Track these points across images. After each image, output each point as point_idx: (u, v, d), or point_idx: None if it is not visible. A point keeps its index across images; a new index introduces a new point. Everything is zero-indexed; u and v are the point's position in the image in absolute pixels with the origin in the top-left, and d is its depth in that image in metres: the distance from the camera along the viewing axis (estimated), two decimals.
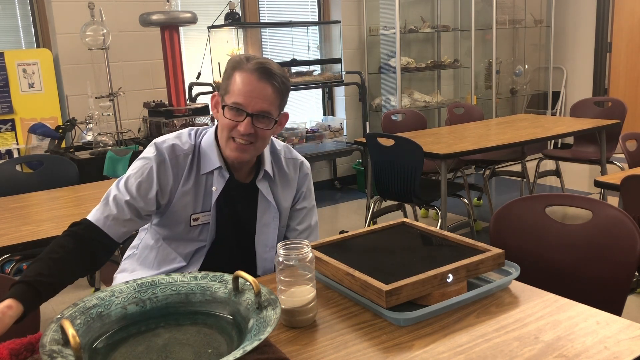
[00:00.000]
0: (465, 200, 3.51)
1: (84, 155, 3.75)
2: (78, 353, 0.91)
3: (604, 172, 3.78)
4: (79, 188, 2.64)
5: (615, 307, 1.45)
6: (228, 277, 1.19)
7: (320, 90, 5.42)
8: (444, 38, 5.76)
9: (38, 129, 3.57)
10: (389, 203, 3.60)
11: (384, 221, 1.61)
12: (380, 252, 1.39)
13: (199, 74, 4.35)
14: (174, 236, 1.54)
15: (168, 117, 3.88)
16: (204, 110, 4.04)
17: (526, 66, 6.25)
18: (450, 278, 1.22)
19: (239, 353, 0.92)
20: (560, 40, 6.30)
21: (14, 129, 3.82)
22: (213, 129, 1.54)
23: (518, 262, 1.36)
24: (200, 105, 4.08)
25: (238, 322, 1.11)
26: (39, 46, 4.10)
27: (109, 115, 3.95)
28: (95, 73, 4.06)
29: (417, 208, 4.24)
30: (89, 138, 3.87)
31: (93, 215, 1.43)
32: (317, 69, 4.89)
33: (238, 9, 4.58)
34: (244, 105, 1.40)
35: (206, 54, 4.46)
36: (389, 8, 5.18)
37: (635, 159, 2.78)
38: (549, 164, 5.11)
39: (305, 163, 1.65)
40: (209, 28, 4.43)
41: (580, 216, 1.64)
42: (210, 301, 1.17)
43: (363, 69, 5.35)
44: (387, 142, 3.19)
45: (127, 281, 1.20)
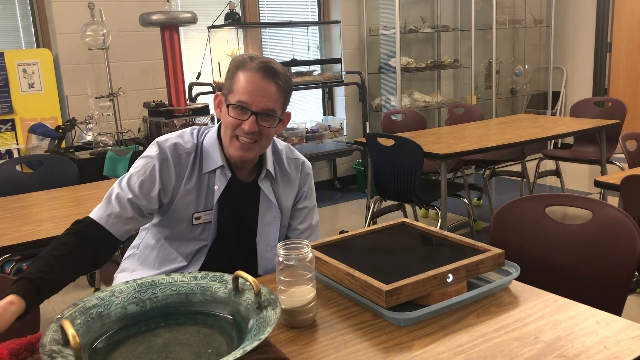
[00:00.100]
0: (465, 200, 3.51)
1: (84, 155, 3.75)
2: (78, 353, 0.91)
3: (604, 172, 3.78)
4: (79, 188, 2.64)
5: (615, 307, 1.45)
6: (228, 277, 1.19)
7: (320, 90, 5.42)
8: (444, 38, 5.76)
9: (38, 129, 3.57)
10: (389, 203, 3.60)
11: (384, 221, 1.61)
12: (380, 252, 1.39)
13: (199, 74, 4.35)
14: (176, 235, 1.54)
15: (168, 117, 3.88)
16: (204, 110, 4.04)
17: (526, 66, 6.25)
18: (450, 278, 1.22)
19: (239, 353, 0.92)
20: (560, 40, 6.30)
21: (14, 129, 3.82)
22: (215, 128, 1.55)
23: (518, 262, 1.36)
24: (200, 105, 4.07)
25: (238, 322, 1.11)
26: (39, 46, 4.10)
27: (109, 115, 3.96)
28: (95, 73, 4.06)
29: (417, 208, 4.24)
30: (89, 138, 3.87)
31: (95, 213, 1.44)
32: (317, 69, 4.89)
33: (238, 9, 4.58)
34: (248, 104, 1.41)
35: (206, 54, 4.46)
36: (389, 8, 5.18)
37: (635, 159, 2.78)
38: (549, 164, 5.11)
39: (307, 163, 1.66)
40: (209, 28, 4.43)
41: (580, 216, 1.64)
42: (210, 301, 1.17)
43: (363, 69, 5.35)
44: (387, 142, 3.19)
45: (127, 281, 1.20)
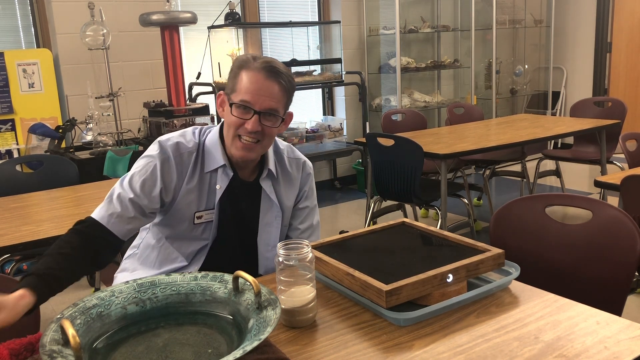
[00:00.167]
0: (465, 200, 3.51)
1: (84, 155, 3.75)
2: (78, 353, 0.91)
3: (604, 172, 3.78)
4: (79, 188, 2.64)
5: (615, 307, 1.45)
6: (228, 277, 1.19)
7: (320, 90, 5.42)
8: (444, 38, 5.76)
9: (38, 129, 3.57)
10: (389, 203, 3.60)
11: (384, 221, 1.61)
12: (380, 252, 1.39)
13: (199, 74, 4.35)
14: (177, 235, 1.54)
15: (168, 117, 3.88)
16: (204, 110, 4.04)
17: (526, 66, 6.25)
18: (450, 278, 1.22)
19: (239, 353, 0.92)
20: (560, 40, 6.30)
21: (14, 129, 3.82)
22: (217, 127, 1.55)
23: (518, 262, 1.36)
24: (200, 105, 4.07)
25: (238, 322, 1.11)
26: (39, 46, 4.10)
27: (109, 115, 3.95)
28: (95, 73, 4.06)
29: (417, 208, 4.24)
30: (89, 138, 3.87)
31: (97, 213, 1.45)
32: (317, 69, 4.89)
33: (238, 9, 4.58)
34: (251, 103, 1.41)
35: (206, 54, 4.46)
36: (389, 8, 5.18)
37: (635, 159, 2.78)
38: (549, 164, 5.11)
39: (308, 163, 1.67)
40: (209, 28, 4.43)
41: (580, 216, 1.64)
42: (210, 301, 1.17)
43: (363, 69, 5.35)
44: (387, 142, 3.19)
45: (127, 281, 1.20)
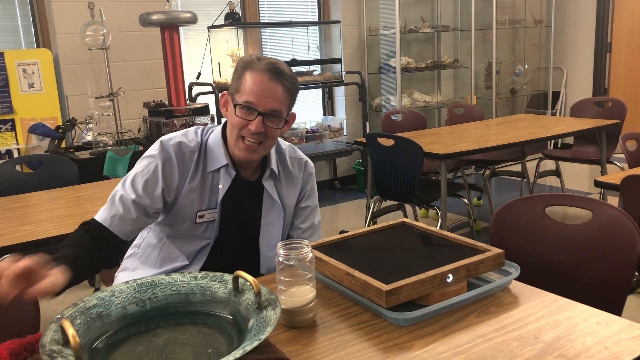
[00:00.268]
0: (465, 200, 3.51)
1: (84, 155, 3.75)
2: (78, 353, 0.91)
3: (604, 172, 3.78)
4: (79, 188, 2.64)
5: (615, 307, 1.45)
6: (228, 277, 1.19)
7: (320, 90, 5.42)
8: (444, 38, 5.76)
9: (38, 129, 3.57)
10: (389, 203, 3.60)
11: (384, 221, 1.61)
12: (380, 252, 1.39)
13: (199, 74, 4.35)
14: (179, 234, 1.55)
15: (168, 117, 3.88)
16: (204, 110, 4.04)
17: (526, 66, 6.25)
18: (450, 278, 1.22)
19: (239, 353, 0.92)
20: (560, 40, 6.30)
21: (14, 129, 3.82)
22: (220, 127, 1.56)
23: (518, 262, 1.36)
24: (200, 105, 4.07)
25: (238, 322, 1.11)
26: (39, 46, 4.10)
27: (109, 115, 3.95)
28: (95, 73, 4.06)
29: (417, 208, 4.24)
30: (89, 138, 3.87)
31: (100, 215, 1.45)
32: (317, 69, 4.89)
33: (238, 9, 4.58)
34: (255, 104, 1.41)
35: (206, 54, 4.46)
36: (389, 8, 5.18)
37: (635, 159, 2.78)
38: (549, 164, 5.11)
39: (310, 163, 1.68)
40: (209, 28, 4.43)
41: (580, 216, 1.64)
42: (210, 301, 1.17)
43: (363, 69, 5.35)
44: (387, 142, 3.19)
45: (127, 281, 1.20)
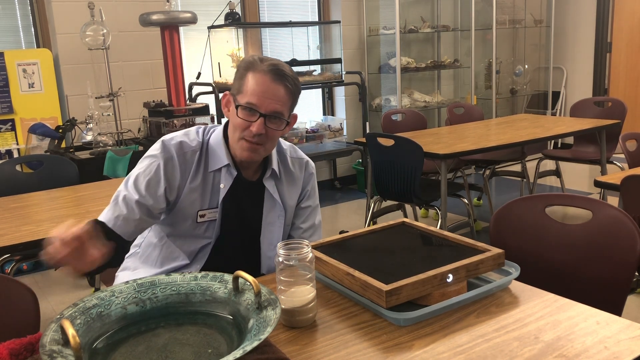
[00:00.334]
0: (465, 200, 3.51)
1: (84, 155, 3.75)
2: (78, 353, 0.91)
3: (604, 172, 3.78)
4: (79, 188, 2.64)
5: (615, 307, 1.45)
6: (228, 277, 1.19)
7: (320, 90, 5.42)
8: (444, 38, 5.76)
9: (38, 129, 3.56)
10: (389, 203, 3.60)
11: (384, 221, 1.61)
12: (380, 252, 1.39)
13: (199, 74, 4.35)
14: (180, 233, 1.55)
15: (168, 117, 3.88)
16: (204, 110, 4.04)
17: (526, 66, 6.25)
18: (450, 278, 1.22)
19: (239, 353, 0.92)
20: (560, 40, 6.30)
21: (14, 129, 3.82)
22: (222, 127, 1.56)
23: (518, 262, 1.36)
24: (200, 105, 4.07)
25: (238, 322, 1.11)
26: (39, 46, 4.10)
27: (109, 115, 3.95)
28: (95, 73, 4.06)
29: (417, 208, 4.24)
30: (89, 138, 3.87)
31: (104, 215, 1.46)
32: (317, 69, 4.89)
33: (238, 9, 4.58)
34: (257, 106, 1.42)
35: (206, 54, 4.46)
36: (389, 8, 5.18)
37: (635, 159, 2.78)
38: (549, 164, 5.11)
39: (311, 163, 1.68)
40: (209, 28, 4.43)
41: (580, 216, 1.64)
42: (210, 301, 1.17)
43: (363, 69, 5.35)
44: (387, 142, 3.19)
45: (127, 281, 1.20)
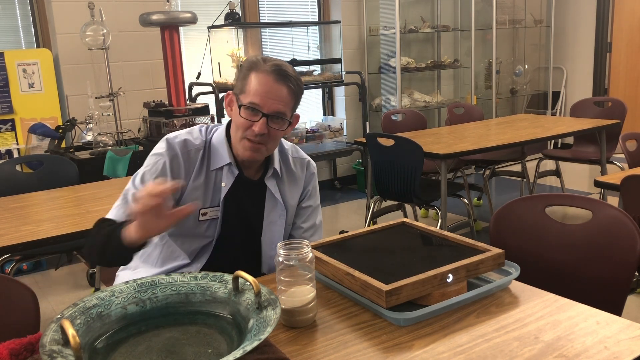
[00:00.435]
0: (465, 200, 3.51)
1: (84, 155, 3.75)
2: (78, 353, 0.91)
3: (604, 172, 3.78)
4: (79, 188, 2.64)
5: (615, 307, 1.45)
6: (228, 277, 1.19)
7: (320, 90, 5.42)
8: (444, 38, 5.76)
9: (38, 129, 3.56)
10: (389, 203, 3.60)
11: (384, 221, 1.61)
12: (380, 252, 1.39)
13: (199, 74, 4.35)
14: (181, 232, 1.55)
15: (168, 117, 3.88)
16: (204, 110, 4.04)
17: (526, 66, 6.25)
18: (450, 278, 1.22)
19: (239, 353, 0.92)
20: (560, 40, 6.30)
21: (14, 129, 3.82)
22: (224, 126, 1.56)
23: (518, 262, 1.36)
24: (200, 105, 4.07)
25: (238, 322, 1.11)
26: (39, 46, 4.10)
27: (109, 115, 3.95)
28: (95, 73, 4.06)
29: (417, 208, 4.24)
30: (89, 138, 3.87)
31: (114, 213, 1.46)
32: (317, 69, 4.89)
33: (238, 9, 4.58)
34: (260, 106, 1.42)
35: (206, 54, 4.46)
36: (389, 8, 5.18)
37: (635, 159, 2.78)
38: (549, 164, 5.11)
39: (312, 163, 1.69)
40: (209, 28, 4.43)
41: (580, 216, 1.64)
42: (210, 301, 1.17)
43: (363, 69, 5.35)
44: (387, 142, 3.19)
45: (127, 281, 1.20)
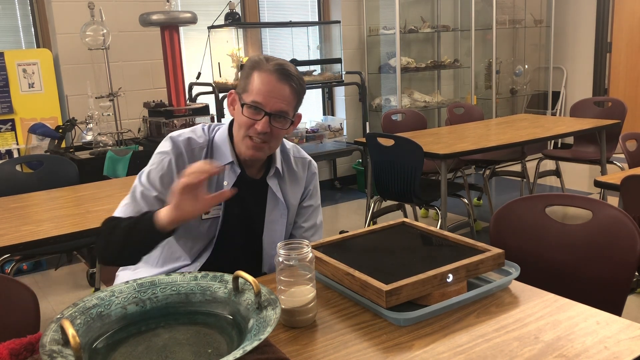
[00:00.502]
0: (465, 200, 3.51)
1: (84, 155, 3.75)
2: (78, 353, 0.91)
3: (604, 172, 3.78)
4: (79, 188, 2.64)
5: (615, 307, 1.45)
6: (228, 277, 1.19)
7: (320, 90, 5.42)
8: (444, 38, 5.76)
9: (38, 129, 3.56)
10: (389, 203, 3.60)
11: (384, 221, 1.61)
12: (380, 252, 1.39)
13: (199, 74, 4.35)
14: (183, 231, 1.54)
15: (168, 117, 3.88)
16: (204, 110, 4.04)
17: (526, 66, 6.25)
18: (450, 278, 1.22)
19: (239, 353, 0.92)
20: (560, 40, 6.30)
21: (14, 129, 3.82)
22: (227, 124, 1.57)
23: (518, 262, 1.36)
24: (200, 105, 4.07)
25: (238, 322, 1.11)
26: (39, 46, 4.10)
27: (109, 115, 3.95)
28: (95, 73, 4.06)
29: (417, 208, 4.24)
30: (89, 138, 3.87)
31: (124, 212, 1.46)
32: (317, 69, 4.89)
33: (238, 9, 4.58)
34: (262, 105, 1.43)
35: (206, 54, 4.46)
36: (389, 8, 5.18)
37: (635, 159, 2.78)
38: (549, 164, 5.11)
39: (313, 162, 1.69)
40: (209, 28, 4.43)
41: (580, 216, 1.64)
42: (210, 301, 1.17)
43: (363, 69, 5.35)
44: (387, 142, 3.19)
45: (127, 281, 1.20)
